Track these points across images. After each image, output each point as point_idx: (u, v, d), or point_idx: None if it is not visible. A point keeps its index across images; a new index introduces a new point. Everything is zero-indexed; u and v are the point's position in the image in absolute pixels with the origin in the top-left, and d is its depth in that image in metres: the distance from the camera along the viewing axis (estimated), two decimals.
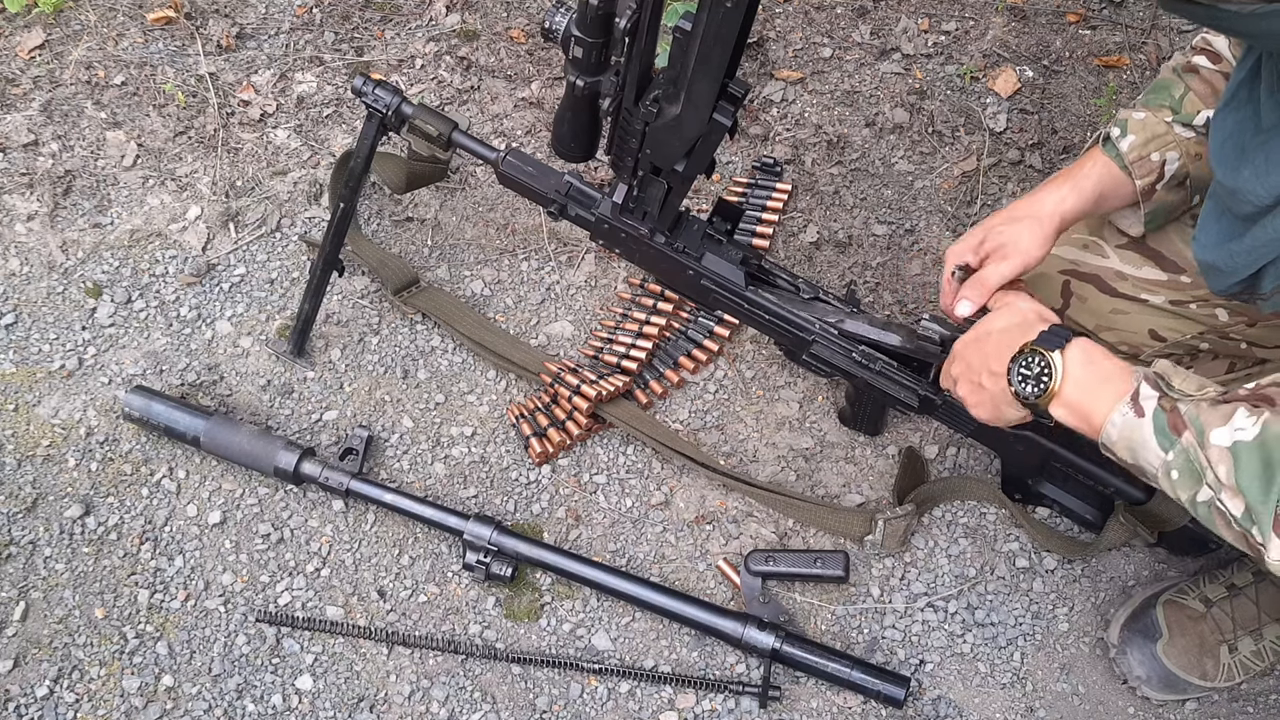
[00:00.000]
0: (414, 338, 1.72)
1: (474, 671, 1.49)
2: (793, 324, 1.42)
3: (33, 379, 1.66)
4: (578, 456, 1.63)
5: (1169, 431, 1.02)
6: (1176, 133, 1.28)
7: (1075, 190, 1.28)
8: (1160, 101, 1.29)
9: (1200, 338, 1.39)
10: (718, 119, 1.12)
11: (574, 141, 1.25)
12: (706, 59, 1.03)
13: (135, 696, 1.46)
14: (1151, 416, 1.03)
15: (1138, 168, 1.28)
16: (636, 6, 1.05)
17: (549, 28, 1.14)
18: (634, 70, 1.12)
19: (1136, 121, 1.28)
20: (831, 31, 1.99)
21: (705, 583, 1.55)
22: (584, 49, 1.11)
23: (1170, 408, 1.03)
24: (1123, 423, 1.05)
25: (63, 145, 1.86)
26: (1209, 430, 0.99)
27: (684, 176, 1.24)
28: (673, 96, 1.11)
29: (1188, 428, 1.01)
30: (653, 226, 1.37)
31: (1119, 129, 1.29)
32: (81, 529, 1.56)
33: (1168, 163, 1.27)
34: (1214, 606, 1.43)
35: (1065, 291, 1.41)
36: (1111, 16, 2.00)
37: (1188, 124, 1.27)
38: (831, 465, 1.62)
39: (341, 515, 1.58)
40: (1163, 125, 1.28)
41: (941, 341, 1.33)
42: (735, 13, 0.97)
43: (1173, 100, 1.28)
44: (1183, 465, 1.01)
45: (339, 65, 1.95)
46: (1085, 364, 1.09)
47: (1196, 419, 1.00)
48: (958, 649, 1.51)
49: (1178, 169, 1.28)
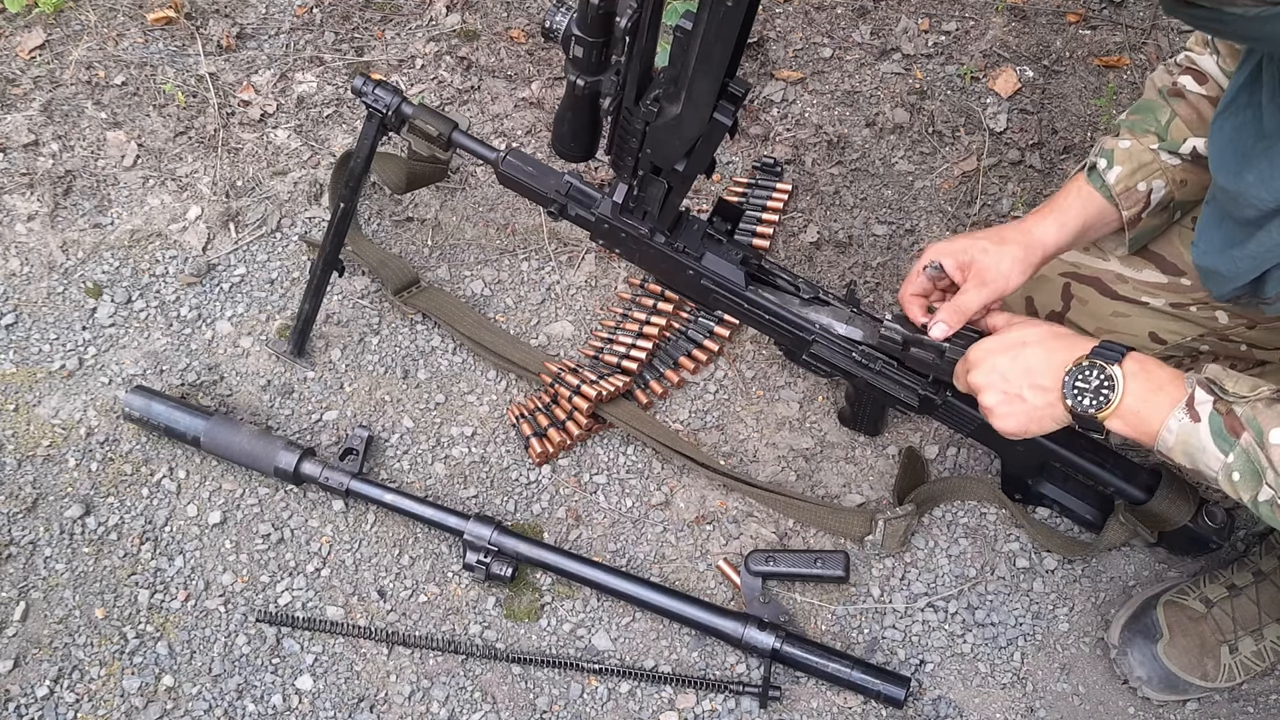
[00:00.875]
0: (414, 338, 1.72)
1: (474, 671, 1.49)
2: (792, 324, 1.42)
3: (33, 379, 1.66)
4: (578, 456, 1.63)
5: (1227, 434, 1.03)
6: (1163, 160, 1.27)
7: (1059, 225, 1.29)
8: (1145, 126, 1.28)
9: (1200, 340, 1.39)
10: (718, 118, 1.12)
11: (574, 141, 1.25)
12: (707, 58, 1.03)
13: (135, 696, 1.46)
14: (1208, 420, 1.04)
15: (1124, 199, 1.28)
16: (637, 6, 1.05)
17: (549, 27, 1.14)
18: (634, 69, 1.12)
19: (1123, 152, 1.27)
20: (831, 31, 1.99)
21: (705, 583, 1.55)
22: (584, 48, 1.11)
23: (1226, 411, 1.04)
24: (1179, 429, 1.06)
25: (63, 145, 1.86)
26: (1268, 430, 1.00)
27: (684, 176, 1.24)
28: (673, 96, 1.11)
29: (1245, 429, 1.02)
30: (653, 226, 1.37)
31: (1104, 160, 1.28)
32: (82, 529, 1.56)
33: (1153, 191, 1.28)
34: (1214, 607, 1.43)
35: (1066, 294, 1.41)
36: (1111, 16, 2.00)
37: (1174, 151, 1.27)
38: (831, 465, 1.62)
39: (342, 515, 1.58)
40: (1148, 153, 1.27)
41: (904, 342, 1.34)
42: (736, 12, 0.97)
43: (1158, 125, 1.28)
44: (1244, 466, 1.02)
45: (339, 65, 1.95)
46: (1141, 374, 1.09)
47: (1254, 420, 1.02)
48: (958, 649, 1.51)
49: (1163, 196, 1.28)
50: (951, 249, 1.29)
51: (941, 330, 1.27)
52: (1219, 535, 1.42)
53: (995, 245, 1.27)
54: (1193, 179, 1.29)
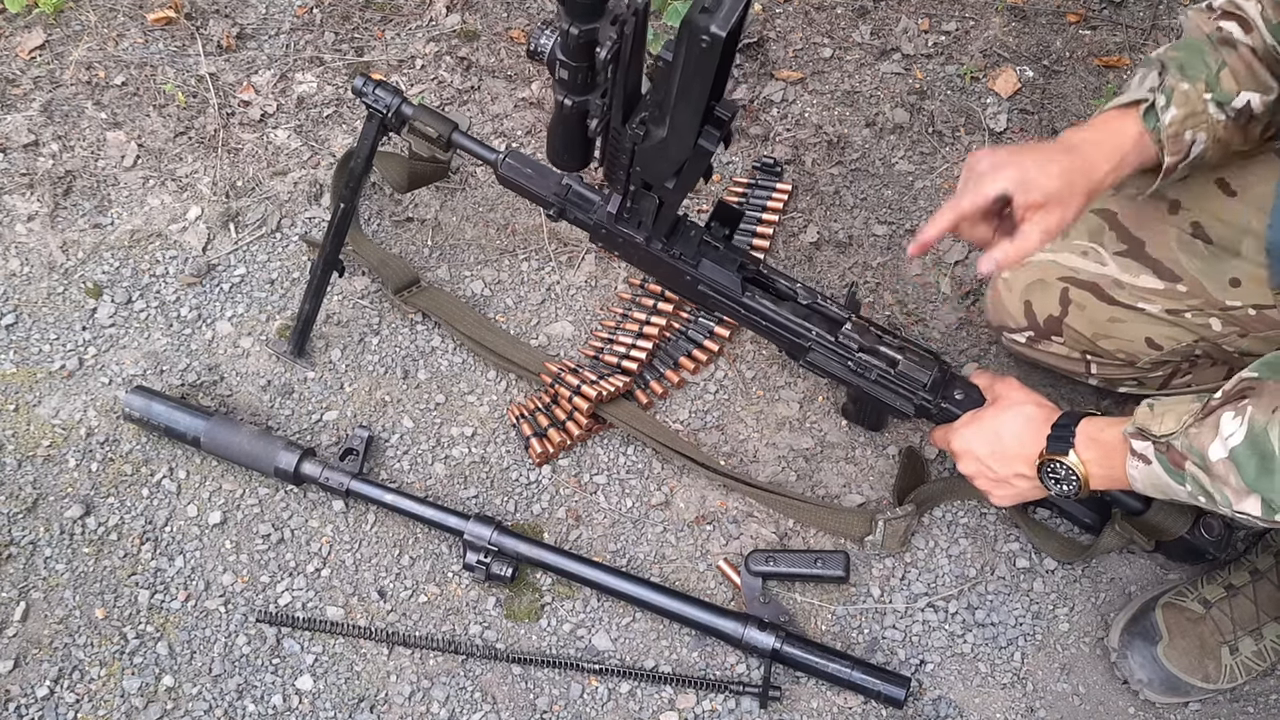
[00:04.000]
0: (414, 338, 1.72)
1: (474, 672, 1.49)
2: (789, 330, 1.42)
3: (33, 379, 1.66)
4: (578, 457, 1.63)
5: (1174, 469, 1.09)
6: (1210, 113, 1.18)
7: (1115, 168, 1.20)
8: (1196, 72, 1.18)
9: (1195, 345, 1.39)
10: (703, 144, 1.12)
11: (567, 154, 1.25)
12: (687, 91, 1.03)
13: (136, 697, 1.46)
14: (1157, 461, 1.10)
15: (1171, 144, 1.19)
16: (616, 37, 1.04)
17: (534, 50, 1.13)
18: (619, 94, 1.11)
19: (1181, 94, 1.17)
20: (831, 31, 1.99)
21: (705, 583, 1.55)
22: (569, 71, 1.10)
23: (1166, 448, 1.09)
24: (1140, 475, 1.13)
25: (63, 145, 1.86)
26: (1206, 450, 1.04)
27: (675, 192, 1.24)
28: (658, 120, 1.11)
29: (1186, 458, 1.06)
30: (648, 235, 1.37)
31: (1164, 97, 1.17)
32: (82, 529, 1.56)
33: (1195, 143, 1.20)
34: (1213, 608, 1.43)
35: (1064, 299, 1.41)
36: (1111, 16, 2.00)
37: (1223, 104, 1.18)
38: (832, 465, 1.62)
39: (342, 515, 1.58)
40: (1201, 102, 1.17)
41: (859, 349, 1.36)
42: (712, 51, 0.97)
43: (1209, 72, 1.17)
44: (1199, 491, 1.07)
45: (339, 65, 1.95)
46: (1093, 447, 1.18)
47: (1191, 447, 1.06)
48: (958, 649, 1.51)
49: (1201, 151, 1.21)
50: (1020, 180, 1.16)
51: (990, 266, 1.17)
52: (1215, 547, 1.42)
53: (1063, 176, 1.16)
54: (1234, 138, 1.21)
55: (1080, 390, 1.64)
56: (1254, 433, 1.00)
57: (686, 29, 0.96)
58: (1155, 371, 1.47)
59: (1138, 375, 1.48)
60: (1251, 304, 1.33)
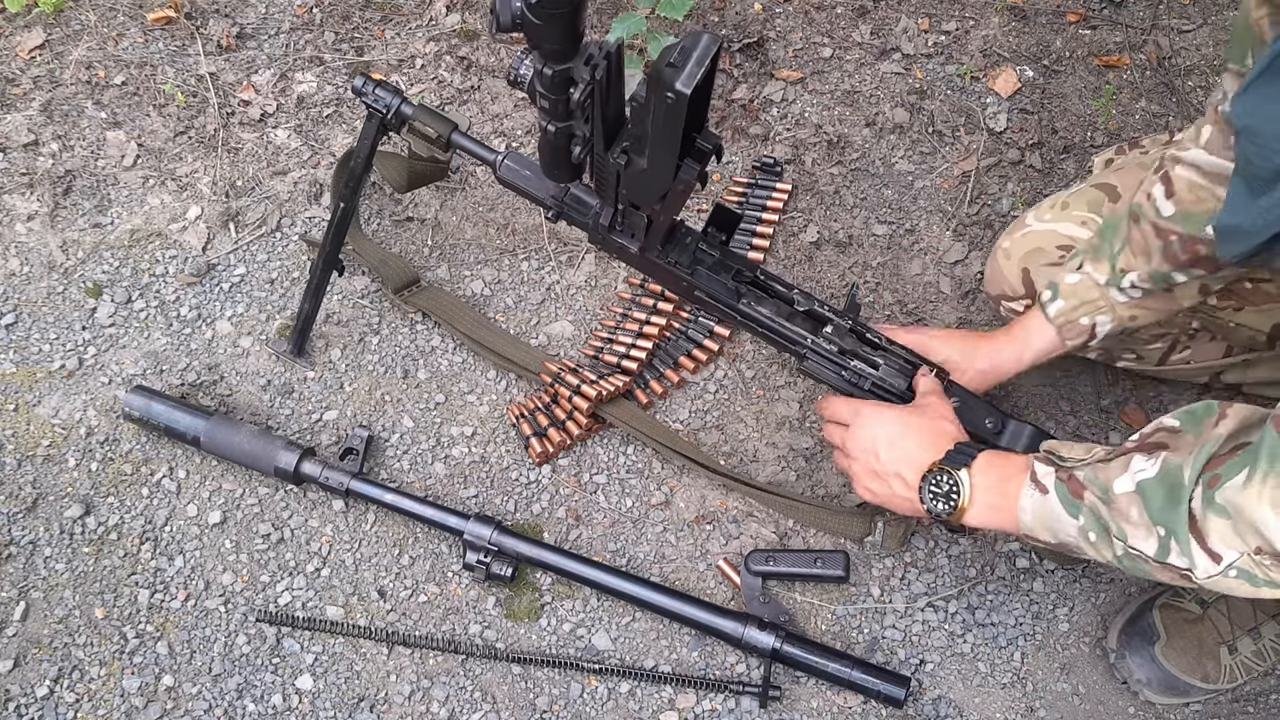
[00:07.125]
0: (414, 337, 1.72)
1: (474, 671, 1.49)
2: (785, 338, 1.41)
3: (33, 379, 1.66)
4: (578, 456, 1.63)
5: (1072, 499, 1.07)
6: (1110, 297, 1.30)
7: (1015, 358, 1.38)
8: (1102, 253, 1.30)
9: (1192, 316, 1.40)
10: (684, 177, 1.11)
11: (557, 170, 1.26)
12: (660, 134, 1.03)
13: (135, 696, 1.46)
14: (1054, 489, 1.08)
15: (1067, 330, 1.34)
16: (589, 78, 1.04)
17: (514, 79, 1.13)
18: (599, 127, 1.11)
19: (1068, 287, 1.32)
20: (831, 31, 1.99)
21: (705, 583, 1.55)
22: (549, 102, 1.11)
23: (1068, 477, 1.08)
24: (1032, 505, 1.10)
25: (63, 145, 1.86)
26: (1111, 483, 1.03)
27: (663, 213, 1.24)
28: (639, 150, 1.11)
29: (1087, 488, 1.05)
30: (642, 245, 1.37)
31: (1050, 292, 1.34)
32: (82, 529, 1.56)
33: (1098, 325, 1.32)
34: (1209, 608, 1.43)
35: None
36: (1111, 16, 2.00)
37: (1119, 287, 1.29)
38: (832, 465, 1.62)
39: (342, 515, 1.58)
40: (1095, 290, 1.30)
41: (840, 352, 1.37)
42: (678, 106, 0.97)
43: (1111, 254, 1.29)
44: (1094, 525, 1.05)
45: (339, 65, 1.95)
46: (989, 470, 1.15)
47: (1095, 479, 1.05)
48: (958, 649, 1.51)
49: (1111, 329, 1.32)
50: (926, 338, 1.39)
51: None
52: None
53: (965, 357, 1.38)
54: (1143, 313, 1.31)
55: (1079, 384, 1.64)
56: (1167, 468, 0.98)
57: (654, 81, 0.97)
58: (1153, 344, 1.47)
59: (1135, 347, 1.48)
60: (1248, 277, 1.34)
